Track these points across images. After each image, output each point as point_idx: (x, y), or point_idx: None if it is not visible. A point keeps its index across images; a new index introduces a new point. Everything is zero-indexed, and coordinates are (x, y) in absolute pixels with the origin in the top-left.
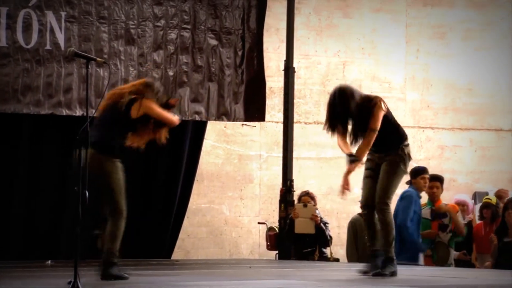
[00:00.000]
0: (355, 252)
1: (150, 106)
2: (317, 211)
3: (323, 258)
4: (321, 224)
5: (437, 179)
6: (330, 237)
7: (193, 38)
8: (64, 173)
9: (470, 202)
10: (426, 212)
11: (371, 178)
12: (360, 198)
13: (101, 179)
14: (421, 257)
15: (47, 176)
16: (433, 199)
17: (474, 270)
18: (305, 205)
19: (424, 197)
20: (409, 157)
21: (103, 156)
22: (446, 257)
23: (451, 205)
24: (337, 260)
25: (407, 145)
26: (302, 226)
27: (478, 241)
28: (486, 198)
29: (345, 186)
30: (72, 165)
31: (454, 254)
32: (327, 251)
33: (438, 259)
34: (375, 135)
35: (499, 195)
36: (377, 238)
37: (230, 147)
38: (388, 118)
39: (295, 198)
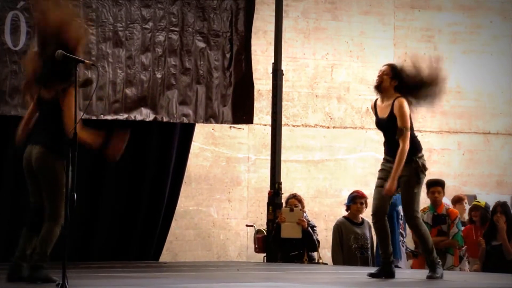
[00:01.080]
0: (340, 254)
1: None
2: (304, 214)
3: (311, 262)
4: (309, 228)
5: (438, 184)
6: (318, 241)
7: (181, 41)
8: None
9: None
10: (427, 217)
11: (382, 187)
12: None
13: (47, 178)
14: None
15: None
16: (435, 204)
17: (463, 273)
18: (291, 210)
19: (426, 202)
20: (424, 169)
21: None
22: (442, 263)
23: (451, 210)
24: (325, 264)
25: (421, 156)
26: (289, 231)
27: (470, 246)
28: (476, 201)
29: None
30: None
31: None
32: (315, 255)
33: None
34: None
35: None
36: (389, 246)
37: (218, 150)
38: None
39: (283, 200)
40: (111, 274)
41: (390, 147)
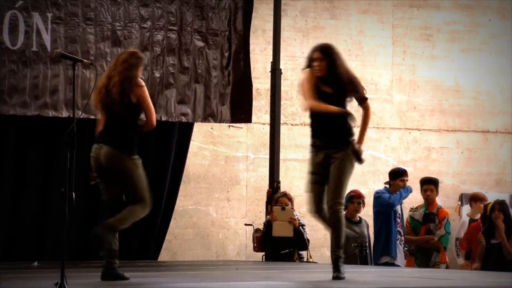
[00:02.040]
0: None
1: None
2: (295, 213)
3: (301, 261)
4: (300, 227)
5: (432, 182)
6: (308, 240)
7: (179, 40)
8: (50, 175)
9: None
10: (419, 215)
11: (318, 184)
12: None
13: (120, 176)
14: (402, 258)
15: (32, 178)
16: (428, 202)
17: (462, 271)
18: (283, 208)
19: (420, 200)
20: (360, 153)
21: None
22: (428, 260)
23: (441, 210)
24: (315, 263)
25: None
26: (280, 229)
27: (476, 243)
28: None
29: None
30: (58, 166)
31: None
32: (304, 254)
33: (420, 262)
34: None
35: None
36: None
37: (217, 149)
38: None
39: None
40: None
41: (323, 130)
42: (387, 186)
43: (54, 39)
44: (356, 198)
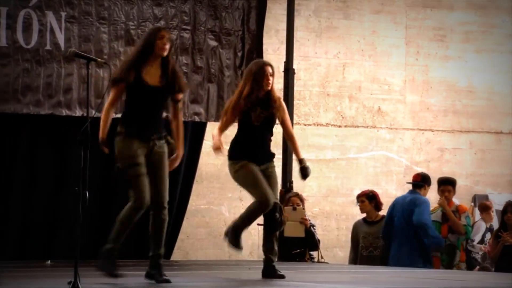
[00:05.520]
0: (351, 253)
1: None
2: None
3: (312, 261)
4: (311, 228)
5: (449, 183)
6: (318, 240)
7: (193, 39)
8: (63, 173)
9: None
10: (437, 215)
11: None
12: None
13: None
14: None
15: (45, 176)
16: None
17: (477, 273)
18: (294, 208)
19: (434, 201)
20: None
21: None
22: (451, 259)
23: (460, 206)
24: (326, 263)
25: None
26: (291, 230)
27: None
28: None
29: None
30: (71, 165)
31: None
32: (315, 254)
33: (448, 262)
34: None
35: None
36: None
37: None
38: None
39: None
40: (123, 272)
41: None
42: (417, 190)
43: (68, 38)
44: (359, 197)
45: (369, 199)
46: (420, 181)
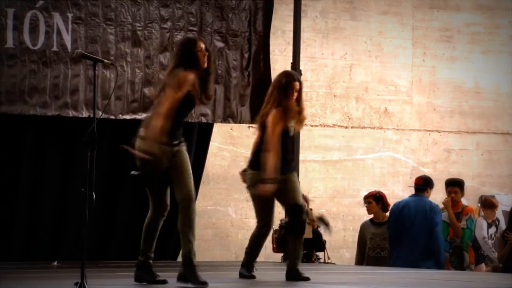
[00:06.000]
0: (357, 254)
1: None
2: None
3: (319, 262)
4: (317, 229)
5: (457, 184)
6: (325, 241)
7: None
8: (69, 175)
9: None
10: (446, 216)
11: None
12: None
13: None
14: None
15: (52, 178)
16: (453, 203)
17: (484, 274)
18: None
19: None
20: None
21: None
22: (460, 261)
23: (466, 207)
24: (333, 264)
25: None
26: None
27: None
28: None
29: None
30: (78, 166)
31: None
32: (321, 255)
33: (458, 263)
34: None
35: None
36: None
37: (236, 149)
38: None
39: None
40: (129, 273)
41: None
42: (422, 193)
43: (75, 39)
44: (365, 198)
45: (376, 200)
46: (422, 185)
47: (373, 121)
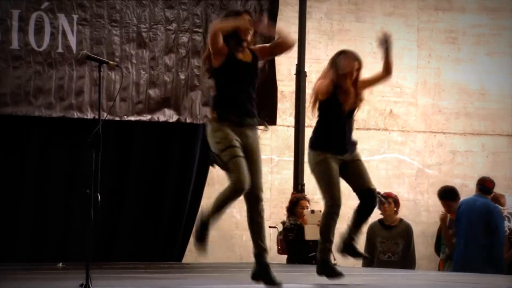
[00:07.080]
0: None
1: None
2: None
3: None
4: None
5: (446, 198)
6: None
7: (205, 42)
8: (74, 176)
9: None
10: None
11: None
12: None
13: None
14: None
15: (57, 179)
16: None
17: (491, 276)
18: (312, 211)
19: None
20: None
21: None
22: None
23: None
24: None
25: None
26: (312, 233)
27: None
28: None
29: None
30: (83, 168)
31: None
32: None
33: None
34: None
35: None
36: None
37: None
38: None
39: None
40: (134, 274)
41: None
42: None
43: (80, 41)
44: (388, 198)
45: (394, 202)
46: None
47: (378, 123)
